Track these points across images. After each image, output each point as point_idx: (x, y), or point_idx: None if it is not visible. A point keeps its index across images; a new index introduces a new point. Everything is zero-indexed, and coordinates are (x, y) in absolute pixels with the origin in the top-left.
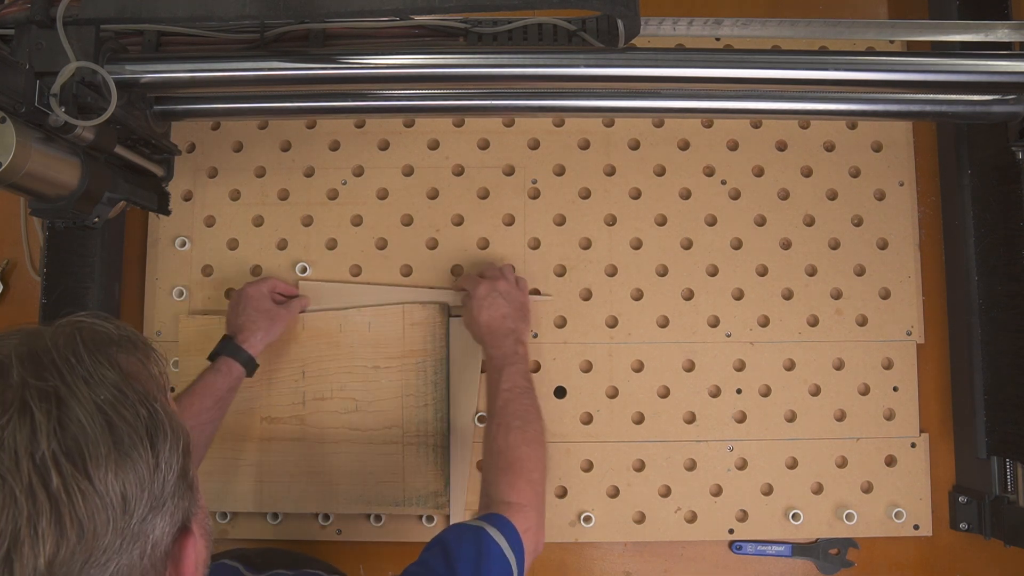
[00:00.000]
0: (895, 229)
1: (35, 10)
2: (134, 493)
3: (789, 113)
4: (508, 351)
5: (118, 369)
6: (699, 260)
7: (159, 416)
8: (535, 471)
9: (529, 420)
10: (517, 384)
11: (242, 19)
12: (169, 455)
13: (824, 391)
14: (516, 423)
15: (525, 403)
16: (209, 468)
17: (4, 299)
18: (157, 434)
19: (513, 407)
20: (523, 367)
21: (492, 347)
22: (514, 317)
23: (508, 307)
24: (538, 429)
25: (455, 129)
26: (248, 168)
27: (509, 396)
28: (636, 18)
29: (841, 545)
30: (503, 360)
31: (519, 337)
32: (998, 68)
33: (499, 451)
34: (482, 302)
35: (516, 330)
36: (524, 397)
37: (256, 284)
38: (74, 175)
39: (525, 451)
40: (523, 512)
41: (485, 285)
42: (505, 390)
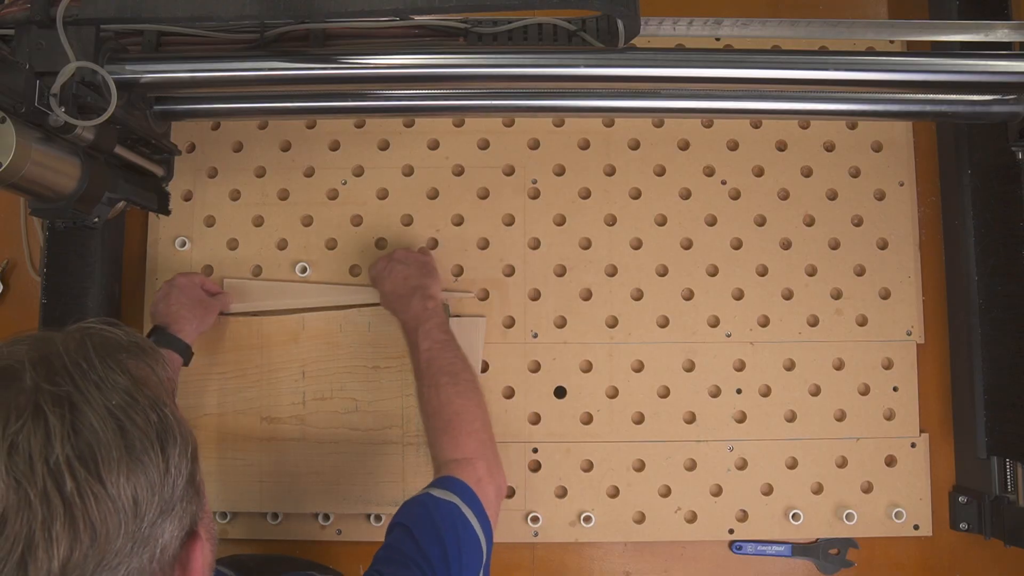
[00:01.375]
0: (895, 229)
1: (35, 10)
2: (145, 497)
3: (789, 113)
4: (417, 309)
5: (128, 375)
6: (699, 260)
7: (169, 421)
8: (475, 421)
9: (457, 372)
10: (436, 340)
11: (242, 19)
12: (179, 460)
13: (824, 391)
14: (444, 379)
15: (448, 356)
16: (209, 468)
17: (4, 299)
18: (167, 439)
19: (437, 363)
20: (437, 320)
21: (401, 311)
22: (416, 275)
23: (407, 268)
24: (468, 378)
25: (455, 129)
26: (248, 168)
27: (430, 354)
28: (636, 18)
29: (841, 545)
30: (415, 320)
31: (426, 292)
32: (998, 68)
33: (434, 411)
34: (381, 273)
35: (421, 286)
36: (446, 350)
37: (187, 275)
38: (74, 175)
39: (459, 403)
40: (470, 465)
41: (382, 260)
42: (425, 349)
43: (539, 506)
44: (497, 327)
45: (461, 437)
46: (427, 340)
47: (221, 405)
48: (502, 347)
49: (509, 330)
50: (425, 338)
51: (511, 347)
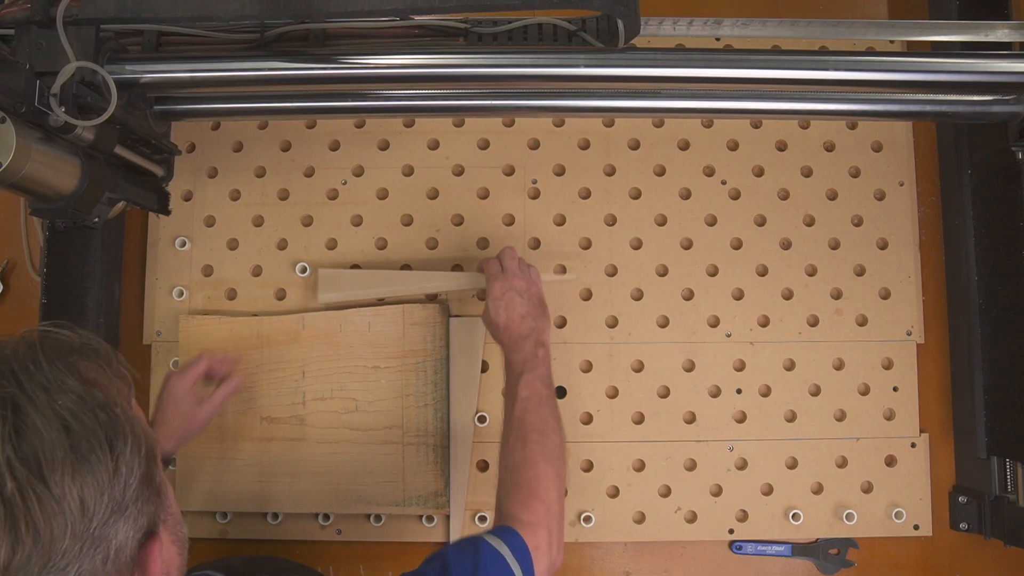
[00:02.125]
0: (895, 229)
1: (35, 10)
2: (93, 497)
3: (789, 113)
4: (528, 354)
5: (78, 376)
6: (699, 260)
7: (119, 420)
8: (551, 489)
9: (547, 432)
10: (536, 392)
11: (242, 19)
12: (130, 459)
13: (824, 391)
14: (534, 436)
15: (544, 413)
16: (209, 468)
17: (4, 299)
18: (116, 438)
19: (531, 417)
20: (543, 372)
21: (511, 351)
22: (533, 315)
23: (526, 306)
24: (556, 442)
25: (455, 129)
26: (248, 168)
27: (527, 405)
28: (636, 18)
29: (841, 545)
30: (523, 365)
31: (539, 338)
32: (998, 68)
33: (514, 465)
34: (499, 302)
35: (536, 329)
36: (543, 406)
37: (181, 376)
38: (74, 175)
39: (542, 467)
40: (532, 530)
41: (500, 283)
42: (523, 398)
43: None
44: None
45: (534, 501)
46: (527, 389)
47: (221, 405)
48: None
49: None
50: (527, 387)
51: None
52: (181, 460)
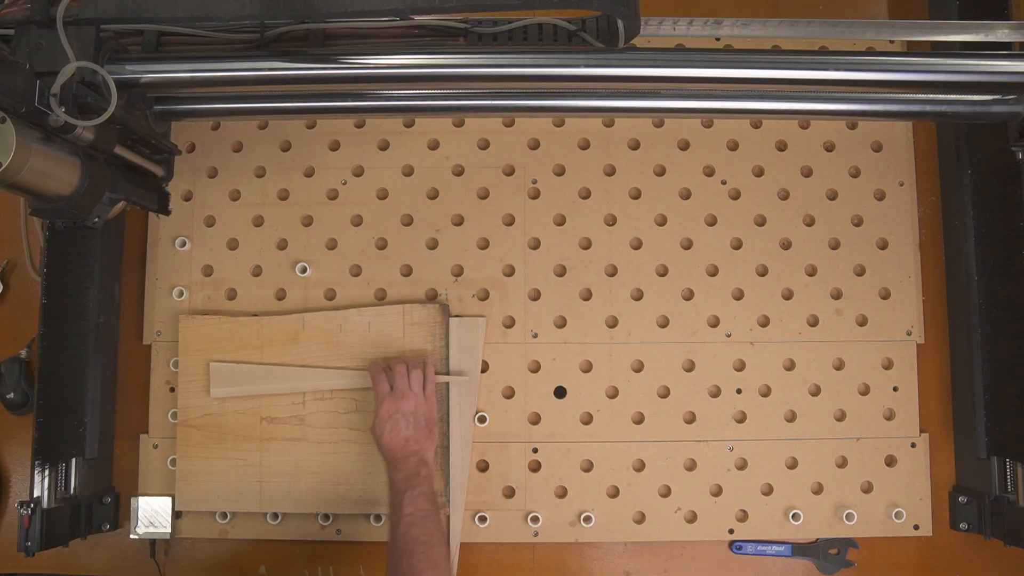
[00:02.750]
0: (895, 229)
1: (35, 10)
2: None
3: (789, 113)
4: (410, 473)
5: None
6: (699, 260)
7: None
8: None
9: (432, 544)
10: (420, 508)
11: (242, 19)
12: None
13: (824, 391)
14: (419, 548)
15: (428, 527)
16: (209, 468)
17: (4, 299)
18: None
19: (415, 531)
20: (426, 489)
21: (394, 469)
22: (416, 439)
23: (409, 429)
24: (442, 553)
25: (455, 129)
26: (248, 168)
27: (411, 520)
28: (636, 18)
29: (841, 545)
30: (405, 483)
31: (422, 457)
32: (998, 68)
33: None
34: (384, 424)
35: (419, 451)
36: (427, 521)
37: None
38: (74, 175)
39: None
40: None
41: (388, 403)
42: (407, 514)
43: (539, 506)
44: (497, 327)
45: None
46: (411, 506)
47: (221, 405)
48: (502, 347)
49: (509, 330)
50: (411, 503)
51: (511, 347)
52: (181, 460)
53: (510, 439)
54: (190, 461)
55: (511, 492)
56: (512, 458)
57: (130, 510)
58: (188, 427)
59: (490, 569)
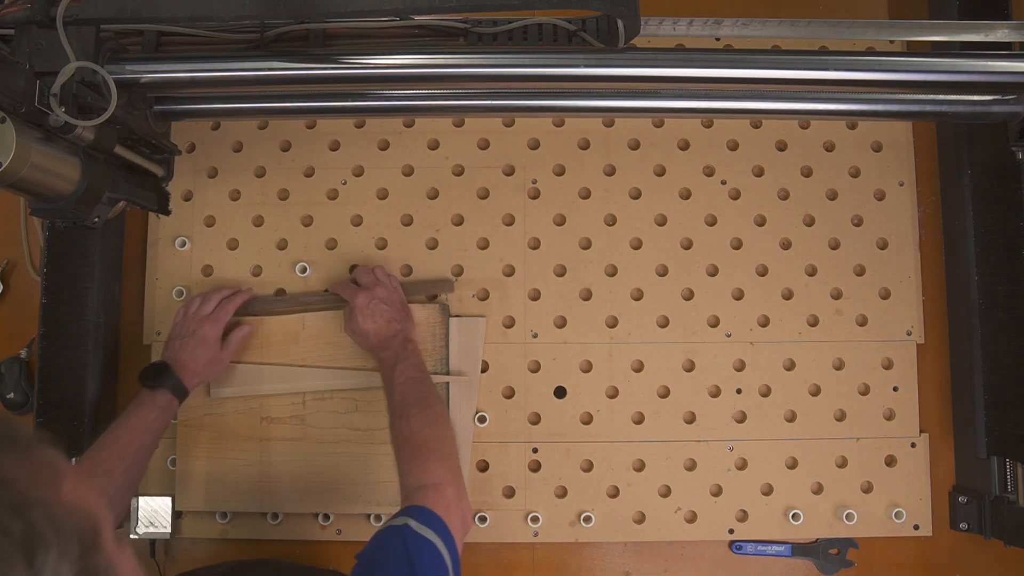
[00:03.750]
0: (895, 229)
1: (35, 10)
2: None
3: (789, 113)
4: (398, 349)
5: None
6: (699, 260)
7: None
8: (443, 448)
9: (428, 404)
10: (411, 375)
11: (242, 19)
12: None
13: (824, 391)
14: (415, 410)
15: (422, 390)
16: (209, 468)
17: (4, 299)
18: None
19: (410, 396)
20: (415, 360)
21: (382, 350)
22: (399, 318)
23: (391, 310)
24: (439, 411)
25: (455, 129)
26: (248, 168)
27: (404, 388)
28: (636, 18)
29: (841, 545)
30: (395, 359)
31: (406, 335)
32: (998, 68)
33: (404, 440)
34: (364, 311)
35: (403, 330)
36: (420, 385)
37: (214, 324)
38: (74, 175)
39: (428, 432)
40: (439, 491)
41: (364, 294)
42: (400, 383)
43: (539, 506)
44: (497, 327)
45: (430, 463)
46: (402, 376)
47: (221, 405)
48: (502, 347)
49: (509, 330)
50: (401, 374)
51: (511, 347)
52: (181, 460)
53: (510, 439)
54: (190, 461)
55: (511, 492)
56: (512, 458)
57: (130, 510)
58: (188, 427)
59: (490, 569)
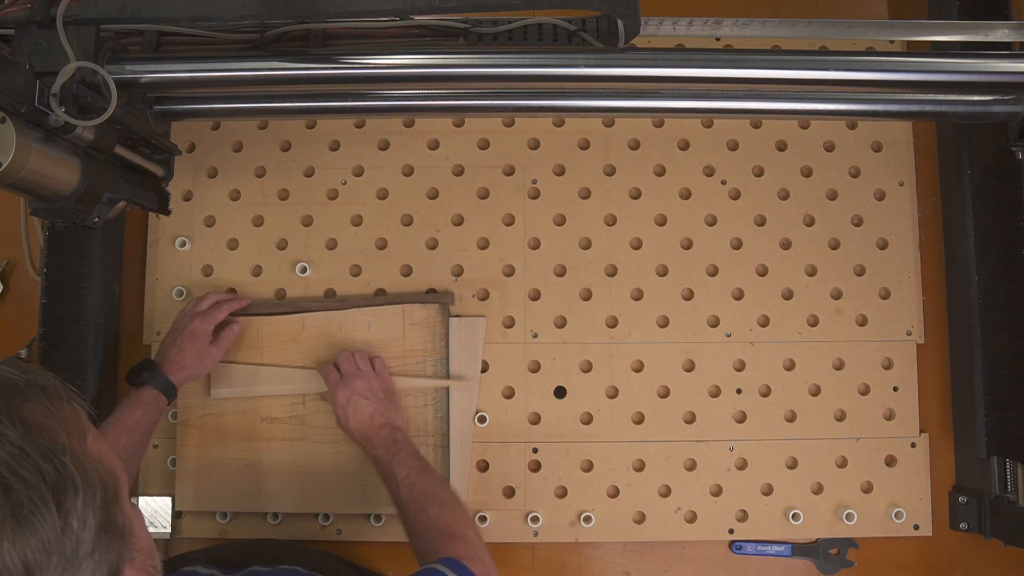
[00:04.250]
0: (895, 229)
1: (35, 10)
2: (39, 560)
3: (789, 113)
4: (388, 443)
5: (19, 423)
6: (699, 260)
7: (67, 471)
8: (468, 529)
9: (438, 491)
10: (411, 467)
11: (242, 19)
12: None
13: (824, 391)
14: (428, 499)
15: (428, 480)
16: (209, 468)
17: (4, 299)
18: (65, 491)
19: (419, 488)
20: (409, 450)
21: (372, 448)
22: (381, 412)
23: (372, 405)
24: (451, 494)
25: (455, 129)
26: (248, 168)
27: (410, 481)
28: (636, 18)
29: (841, 545)
30: (388, 454)
31: (393, 426)
32: (998, 68)
33: (425, 528)
34: (346, 410)
35: (387, 422)
36: (424, 476)
37: (204, 321)
38: (74, 175)
39: (448, 516)
40: (477, 560)
41: (343, 390)
42: (403, 477)
43: (539, 506)
44: (497, 327)
45: (457, 541)
46: (404, 469)
47: (221, 405)
48: (502, 347)
49: (509, 330)
50: (401, 467)
51: (511, 347)
52: (181, 460)
53: (510, 439)
54: (190, 461)
55: (511, 492)
56: (512, 458)
57: None
58: (188, 427)
59: None
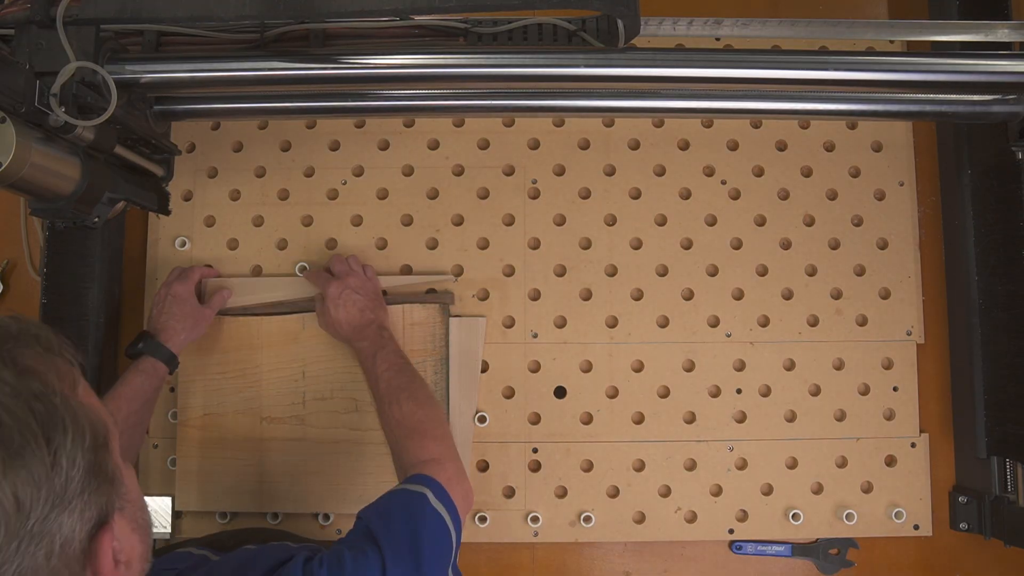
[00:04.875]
0: (895, 229)
1: (35, 10)
2: (29, 494)
3: (789, 113)
4: (374, 338)
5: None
6: (699, 260)
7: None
8: (437, 428)
9: (415, 388)
10: (392, 363)
11: (242, 19)
12: (71, 450)
13: (824, 391)
14: (403, 395)
15: (406, 376)
16: (209, 468)
17: (4, 299)
18: (55, 430)
19: (396, 382)
20: (393, 347)
21: (358, 340)
22: (371, 307)
23: (363, 299)
24: (427, 393)
25: (455, 129)
26: (248, 168)
27: (389, 375)
28: (636, 18)
29: (841, 545)
30: (372, 348)
31: (380, 323)
32: (998, 68)
33: (396, 422)
34: (337, 301)
35: (376, 319)
36: (403, 372)
37: (183, 282)
38: (74, 175)
39: (421, 414)
40: (439, 465)
41: (336, 284)
42: (383, 371)
43: (539, 506)
44: (497, 327)
45: (427, 441)
46: (384, 363)
47: (221, 405)
48: (502, 347)
49: (509, 330)
50: (383, 362)
51: (511, 347)
52: (181, 460)
53: (510, 439)
54: (190, 461)
55: (511, 492)
56: (512, 458)
57: None
58: (188, 427)
59: (490, 569)
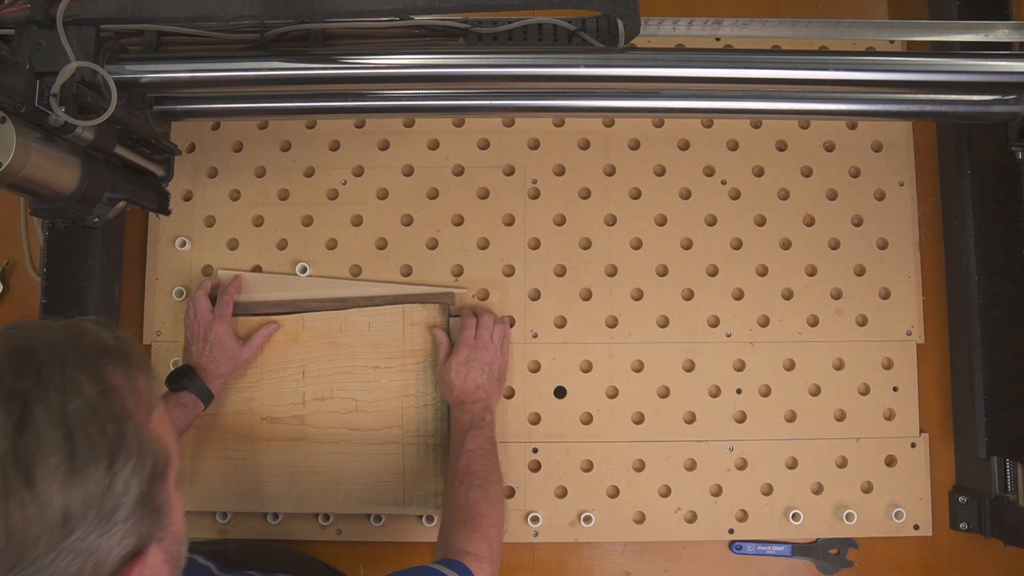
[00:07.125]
0: (895, 229)
1: (35, 10)
2: (78, 510)
3: (789, 113)
4: (476, 417)
5: (99, 382)
6: (699, 260)
7: (127, 437)
8: (492, 527)
9: (490, 480)
10: (480, 446)
11: (242, 19)
12: (129, 477)
13: (824, 391)
14: (477, 481)
15: (488, 464)
16: (209, 468)
17: (4, 299)
18: (119, 455)
19: (475, 466)
20: (488, 432)
21: (460, 411)
22: (487, 388)
23: (483, 378)
24: (497, 490)
25: (455, 129)
26: (248, 168)
27: (472, 456)
28: (636, 18)
29: (841, 545)
30: (470, 423)
31: (488, 405)
32: (998, 68)
33: (459, 506)
34: (461, 367)
35: (487, 400)
36: (487, 459)
37: (220, 322)
38: (74, 175)
39: (484, 507)
40: (479, 563)
41: (467, 350)
42: (468, 450)
43: (539, 506)
44: None
45: (477, 535)
46: (473, 443)
47: (221, 405)
48: None
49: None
50: (472, 441)
51: (511, 347)
52: (181, 460)
53: (510, 439)
54: (190, 461)
55: (511, 492)
56: (512, 458)
57: None
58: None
59: None
